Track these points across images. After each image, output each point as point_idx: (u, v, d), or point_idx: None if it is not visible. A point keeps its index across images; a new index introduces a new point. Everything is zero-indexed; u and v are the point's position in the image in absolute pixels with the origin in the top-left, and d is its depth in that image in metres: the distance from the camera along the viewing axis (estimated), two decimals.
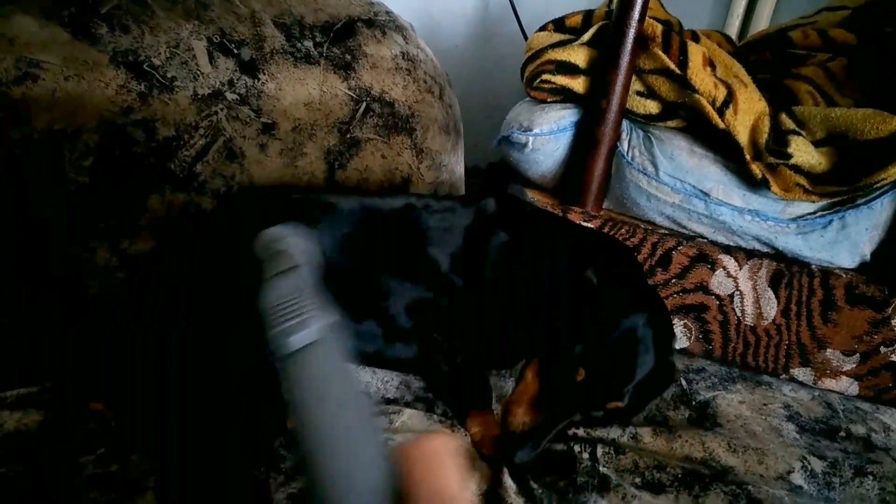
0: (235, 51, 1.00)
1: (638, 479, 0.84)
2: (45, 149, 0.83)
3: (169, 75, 0.93)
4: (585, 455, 0.88)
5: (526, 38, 1.58)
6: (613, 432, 0.93)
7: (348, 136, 1.11)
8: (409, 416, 0.91)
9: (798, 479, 0.87)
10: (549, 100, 1.22)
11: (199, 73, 0.96)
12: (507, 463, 0.84)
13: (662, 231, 1.13)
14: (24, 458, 0.72)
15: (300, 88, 1.06)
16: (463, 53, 1.82)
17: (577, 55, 1.15)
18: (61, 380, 0.74)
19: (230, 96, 0.99)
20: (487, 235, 0.93)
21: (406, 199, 0.97)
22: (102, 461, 0.78)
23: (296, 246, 0.54)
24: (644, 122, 1.16)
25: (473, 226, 0.94)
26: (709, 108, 1.03)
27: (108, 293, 0.91)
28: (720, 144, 1.08)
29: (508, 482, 0.80)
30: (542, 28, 1.28)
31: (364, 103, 1.12)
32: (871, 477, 0.88)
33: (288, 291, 0.42)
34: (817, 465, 0.89)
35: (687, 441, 0.92)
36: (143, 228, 0.93)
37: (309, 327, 0.38)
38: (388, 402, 0.95)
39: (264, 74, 1.02)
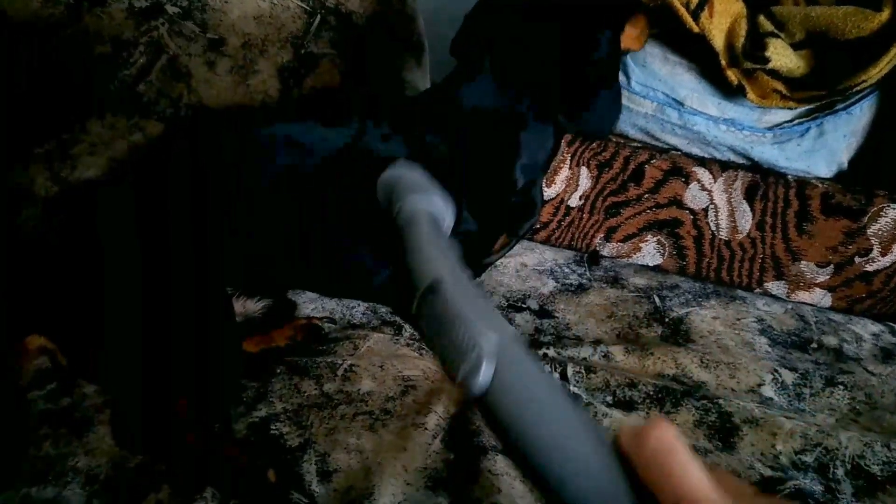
0: None
1: (609, 398, 0.84)
2: None
3: None
4: (556, 376, 0.87)
5: None
6: (584, 351, 0.92)
7: (303, 51, 1.04)
8: (375, 341, 0.89)
9: (768, 391, 0.86)
10: None
11: None
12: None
13: (635, 144, 1.09)
14: None
15: (248, 1, 0.98)
16: None
17: None
18: None
19: (171, 10, 0.91)
20: None
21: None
22: (53, 397, 0.76)
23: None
24: None
25: None
26: (682, 11, 0.96)
27: (47, 222, 0.86)
28: (695, 50, 1.02)
29: None
30: None
31: (318, 16, 1.05)
32: (841, 387, 0.88)
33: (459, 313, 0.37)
34: (788, 377, 0.88)
35: (659, 358, 0.91)
36: (84, 154, 0.87)
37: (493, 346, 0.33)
38: (354, 327, 0.93)
39: None
